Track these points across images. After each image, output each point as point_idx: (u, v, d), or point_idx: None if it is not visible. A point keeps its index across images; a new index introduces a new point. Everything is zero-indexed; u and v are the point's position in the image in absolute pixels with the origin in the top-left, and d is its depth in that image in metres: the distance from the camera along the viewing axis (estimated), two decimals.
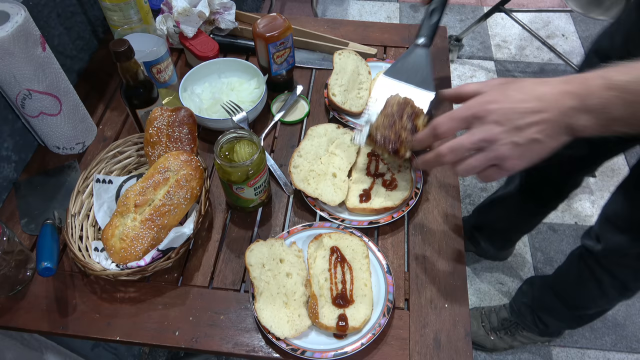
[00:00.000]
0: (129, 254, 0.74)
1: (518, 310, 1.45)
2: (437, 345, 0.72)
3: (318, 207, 0.85)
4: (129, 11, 1.00)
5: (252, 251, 0.76)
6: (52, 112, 0.86)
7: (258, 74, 1.00)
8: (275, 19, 0.96)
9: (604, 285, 1.10)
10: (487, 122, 0.58)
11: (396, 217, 0.83)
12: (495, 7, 2.19)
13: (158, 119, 0.83)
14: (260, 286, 0.73)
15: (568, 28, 2.53)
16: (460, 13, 2.67)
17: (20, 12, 0.75)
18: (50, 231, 0.76)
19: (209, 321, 0.75)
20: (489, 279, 1.72)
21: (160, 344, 0.73)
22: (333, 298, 0.73)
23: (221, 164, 0.76)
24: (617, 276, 1.07)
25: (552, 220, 1.84)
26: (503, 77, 2.33)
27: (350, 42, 1.13)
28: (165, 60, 0.95)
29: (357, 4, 2.72)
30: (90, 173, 0.84)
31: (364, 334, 0.71)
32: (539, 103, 0.56)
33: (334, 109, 1.00)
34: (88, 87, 1.07)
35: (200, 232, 0.85)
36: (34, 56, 0.78)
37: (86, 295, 0.77)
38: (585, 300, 1.20)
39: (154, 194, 0.76)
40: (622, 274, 1.06)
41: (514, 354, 1.55)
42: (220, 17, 1.11)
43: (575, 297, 1.23)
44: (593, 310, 1.24)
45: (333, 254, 0.77)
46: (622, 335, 1.59)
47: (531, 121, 0.56)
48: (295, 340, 0.71)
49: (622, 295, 1.11)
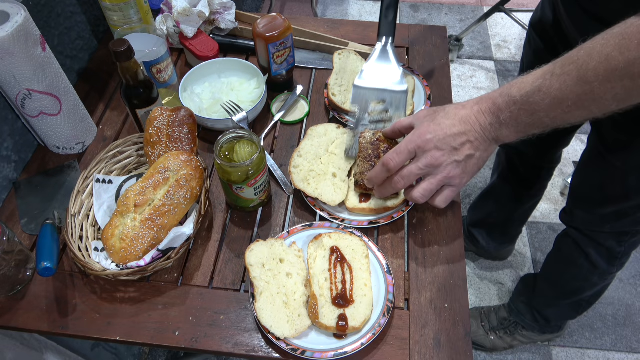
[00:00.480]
0: (129, 254, 0.74)
1: (517, 310, 1.46)
2: (437, 345, 0.72)
3: (318, 207, 0.85)
4: (129, 11, 1.00)
5: (252, 251, 0.76)
6: (52, 112, 0.86)
7: (258, 74, 1.01)
8: (275, 19, 0.96)
9: (591, 257, 1.13)
10: (428, 150, 0.68)
11: (396, 217, 0.83)
12: (495, 7, 2.19)
13: (158, 119, 0.83)
14: (260, 286, 0.73)
15: None
16: (460, 13, 2.67)
17: (20, 12, 0.75)
18: (50, 231, 0.76)
19: (209, 321, 0.75)
20: (489, 279, 1.72)
21: (160, 344, 0.73)
22: (333, 298, 0.73)
23: (221, 164, 0.76)
24: (601, 244, 1.09)
25: (552, 220, 1.84)
26: (502, 77, 2.33)
27: (350, 42, 1.13)
28: (165, 60, 0.95)
29: (357, 4, 2.72)
30: (90, 173, 0.84)
31: (364, 334, 0.71)
32: (464, 125, 0.67)
33: (334, 109, 1.00)
34: (88, 87, 1.07)
35: (200, 232, 0.85)
36: (34, 56, 0.78)
37: (86, 295, 0.77)
38: (579, 280, 1.21)
39: (154, 194, 0.76)
40: (605, 241, 1.08)
41: (514, 354, 1.55)
42: (220, 17, 1.11)
43: (568, 279, 1.24)
44: (588, 293, 1.25)
45: (333, 254, 0.77)
46: (622, 335, 1.59)
47: (463, 141, 0.67)
48: (295, 340, 0.71)
49: (611, 265, 1.13)
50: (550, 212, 1.85)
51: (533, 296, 1.39)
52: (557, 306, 1.34)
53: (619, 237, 1.06)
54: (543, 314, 1.39)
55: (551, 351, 1.56)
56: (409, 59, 1.12)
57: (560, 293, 1.29)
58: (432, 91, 1.04)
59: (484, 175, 1.99)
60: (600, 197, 1.00)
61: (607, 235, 1.07)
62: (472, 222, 1.61)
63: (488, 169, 2.00)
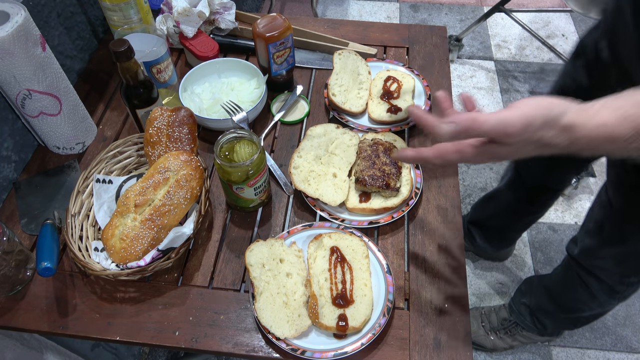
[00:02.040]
0: (129, 254, 0.74)
1: (517, 310, 1.46)
2: (437, 345, 0.72)
3: (318, 207, 0.85)
4: (129, 11, 1.00)
5: (252, 251, 0.76)
6: (52, 112, 0.86)
7: (258, 74, 1.00)
8: (275, 19, 0.96)
9: (592, 289, 1.12)
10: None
11: (396, 217, 0.83)
12: (495, 7, 2.19)
13: (158, 119, 0.83)
14: (260, 286, 0.73)
15: (568, 28, 2.53)
16: (460, 13, 2.67)
17: (20, 12, 0.75)
18: (50, 231, 0.76)
19: (209, 321, 0.75)
20: (489, 279, 1.72)
21: (160, 344, 0.73)
22: (333, 298, 0.73)
23: (221, 164, 0.76)
24: (603, 280, 1.08)
25: (552, 220, 1.84)
26: (502, 77, 2.33)
27: (350, 42, 1.13)
28: (165, 60, 0.95)
29: (357, 4, 2.72)
30: (90, 173, 0.84)
31: (364, 334, 0.71)
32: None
33: (334, 109, 1.00)
34: (88, 87, 1.07)
35: (200, 232, 0.85)
36: (34, 56, 0.78)
37: (86, 295, 0.77)
38: (578, 303, 1.21)
39: (154, 194, 0.76)
40: (607, 277, 1.07)
41: (514, 354, 1.55)
42: (220, 17, 1.11)
43: (567, 300, 1.24)
44: (587, 313, 1.25)
45: (333, 254, 0.77)
46: (622, 335, 1.59)
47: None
48: (295, 340, 0.71)
49: (612, 298, 1.12)
50: (550, 212, 1.85)
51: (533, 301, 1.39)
52: (554, 317, 1.34)
53: (621, 278, 1.05)
54: (541, 321, 1.39)
55: (551, 351, 1.56)
56: (409, 59, 1.12)
57: (559, 308, 1.29)
58: (432, 91, 1.04)
59: (485, 175, 1.99)
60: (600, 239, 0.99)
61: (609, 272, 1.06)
62: (472, 221, 1.61)
63: (489, 169, 2.00)
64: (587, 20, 2.45)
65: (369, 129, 0.96)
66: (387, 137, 0.92)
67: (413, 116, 0.62)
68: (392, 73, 1.04)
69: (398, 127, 0.96)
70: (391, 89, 1.01)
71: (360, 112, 0.99)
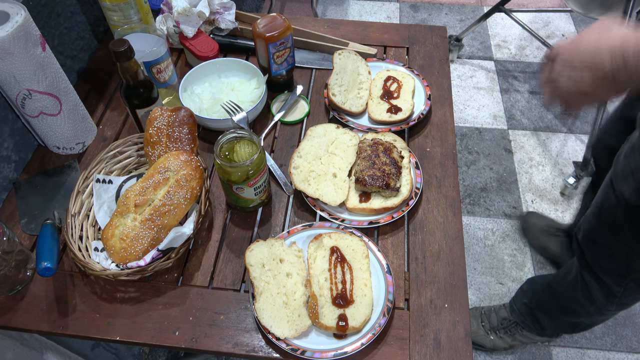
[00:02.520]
0: (129, 254, 0.74)
1: (518, 310, 1.45)
2: (437, 345, 0.72)
3: (318, 207, 0.85)
4: (129, 11, 1.00)
5: (252, 251, 0.76)
6: (52, 112, 0.86)
7: (258, 74, 1.00)
8: (275, 19, 0.96)
9: (591, 288, 1.12)
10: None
11: (396, 217, 0.83)
12: (495, 7, 2.19)
13: (158, 119, 0.83)
14: (260, 286, 0.73)
15: (568, 28, 2.53)
16: (460, 13, 2.67)
17: (20, 12, 0.75)
18: (50, 231, 0.76)
19: (209, 321, 0.75)
20: (489, 279, 1.72)
21: (160, 344, 0.73)
22: (333, 298, 0.73)
23: (221, 164, 0.76)
24: (602, 280, 1.08)
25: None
26: (502, 77, 2.33)
27: (350, 42, 1.13)
28: (165, 60, 0.95)
29: (357, 4, 2.72)
30: (90, 173, 0.84)
31: (364, 334, 0.71)
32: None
33: (334, 109, 1.00)
34: (88, 87, 1.07)
35: (200, 232, 0.85)
36: (34, 56, 0.78)
37: (86, 295, 0.77)
38: (578, 305, 1.21)
39: (154, 194, 0.76)
40: (606, 276, 1.08)
41: (514, 354, 1.55)
42: (220, 17, 1.11)
43: (569, 299, 1.24)
44: (585, 319, 1.26)
45: (333, 254, 0.77)
46: (622, 335, 1.59)
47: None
48: (295, 340, 0.71)
49: (610, 303, 1.13)
50: (550, 212, 1.85)
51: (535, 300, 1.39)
52: (555, 319, 1.35)
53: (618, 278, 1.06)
54: (540, 322, 1.39)
55: (551, 351, 1.56)
56: (409, 59, 1.12)
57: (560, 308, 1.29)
58: (432, 91, 1.04)
59: (485, 175, 1.98)
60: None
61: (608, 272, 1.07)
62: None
63: (489, 169, 2.00)
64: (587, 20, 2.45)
65: (369, 129, 0.96)
66: (387, 137, 0.92)
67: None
68: (392, 73, 1.04)
69: (398, 127, 0.96)
70: (391, 89, 1.01)
71: (360, 112, 0.99)
